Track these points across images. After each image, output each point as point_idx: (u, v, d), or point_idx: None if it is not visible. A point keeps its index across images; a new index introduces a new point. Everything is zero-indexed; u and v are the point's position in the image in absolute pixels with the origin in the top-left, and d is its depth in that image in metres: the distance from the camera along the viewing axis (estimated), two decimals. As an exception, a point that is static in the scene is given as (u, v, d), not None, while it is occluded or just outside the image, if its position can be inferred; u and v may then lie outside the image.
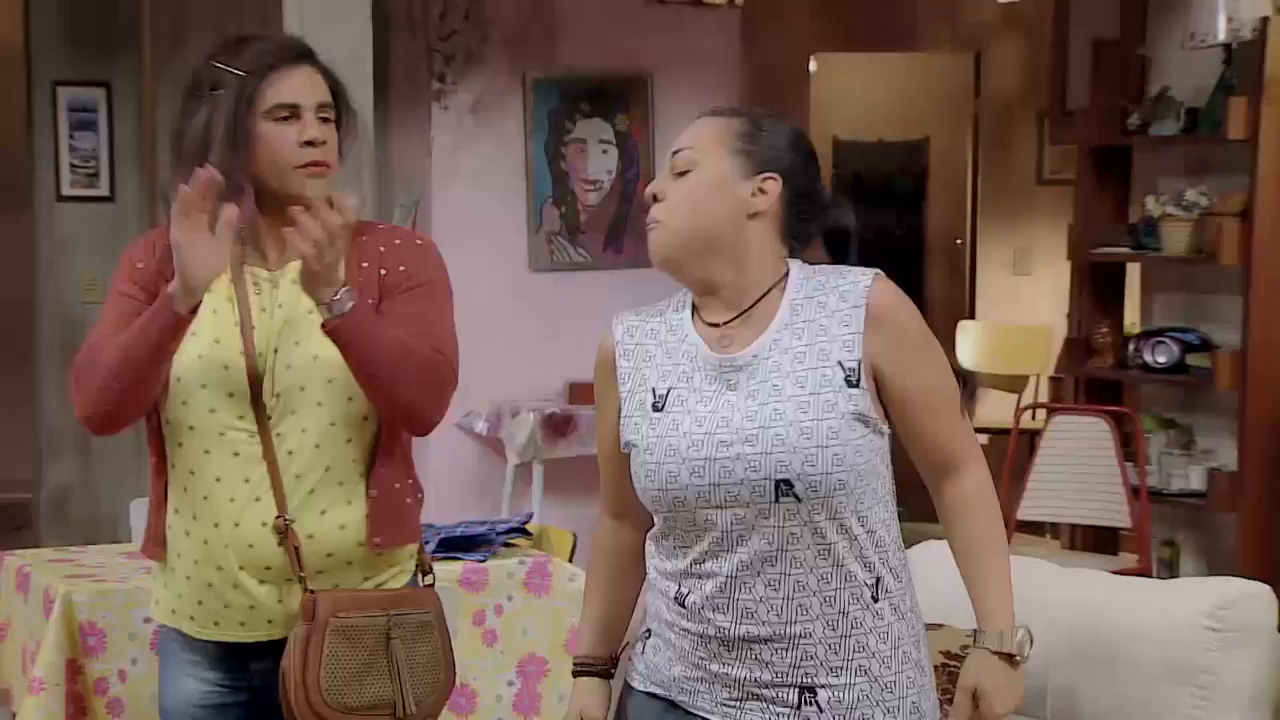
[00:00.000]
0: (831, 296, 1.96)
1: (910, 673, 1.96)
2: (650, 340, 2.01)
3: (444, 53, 5.01)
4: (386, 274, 2.22)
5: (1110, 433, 4.78)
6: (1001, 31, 7.23)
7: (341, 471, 2.19)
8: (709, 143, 1.98)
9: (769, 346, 1.94)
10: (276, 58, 2.18)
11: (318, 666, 2.14)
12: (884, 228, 8.22)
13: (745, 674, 1.93)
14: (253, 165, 2.16)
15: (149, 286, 2.19)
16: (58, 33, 5.50)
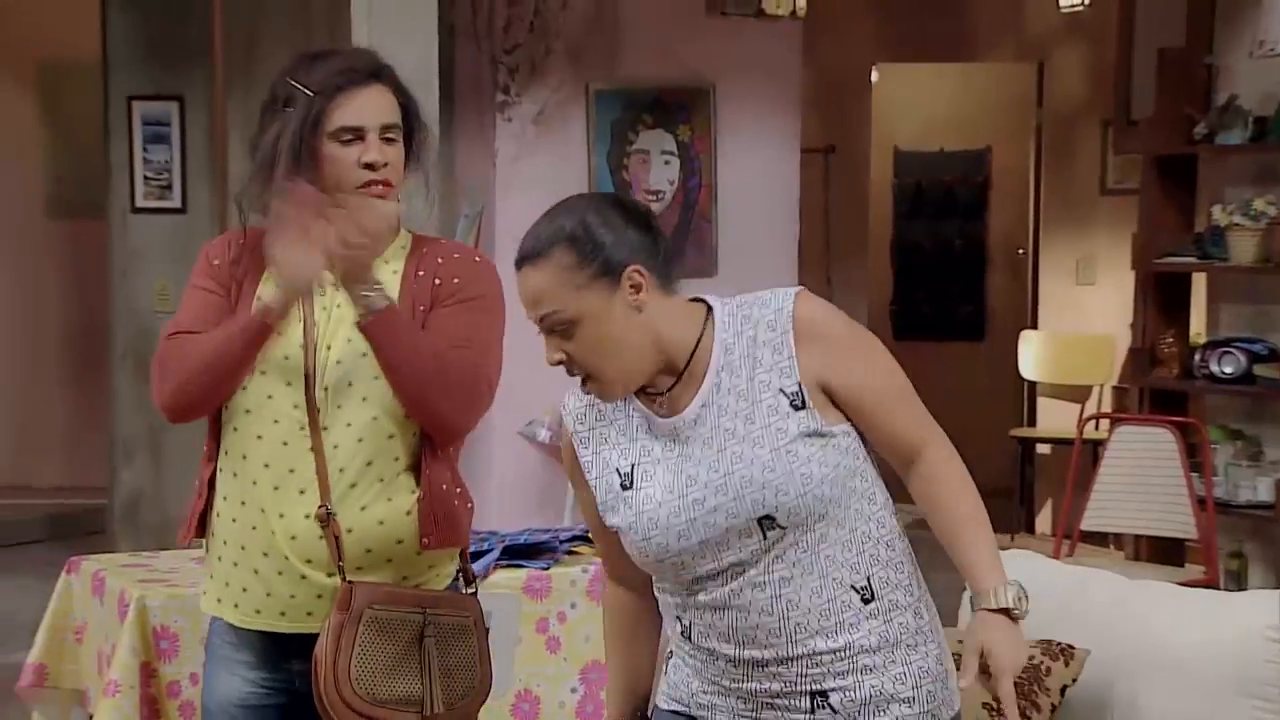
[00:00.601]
0: (760, 329, 1.95)
1: (921, 661, 1.97)
2: (601, 422, 2.02)
3: (508, 64, 5.06)
4: (440, 284, 2.28)
5: (1175, 443, 4.74)
6: (1065, 40, 7.18)
7: (383, 468, 2.23)
8: (561, 294, 1.92)
9: (711, 392, 1.95)
10: (346, 78, 2.22)
11: (349, 655, 2.17)
12: (945, 238, 8.20)
13: (756, 687, 1.98)
14: (318, 182, 2.21)
15: (225, 283, 2.28)
16: (133, 49, 5.61)
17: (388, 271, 2.29)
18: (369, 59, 2.30)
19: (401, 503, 2.24)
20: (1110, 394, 6.97)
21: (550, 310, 1.93)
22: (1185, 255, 5.33)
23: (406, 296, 2.25)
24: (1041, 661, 2.60)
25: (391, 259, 2.30)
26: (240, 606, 2.27)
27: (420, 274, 2.28)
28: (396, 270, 2.29)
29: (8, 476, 7.05)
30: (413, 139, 2.29)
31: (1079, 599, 2.77)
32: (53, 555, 5.60)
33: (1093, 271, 7.14)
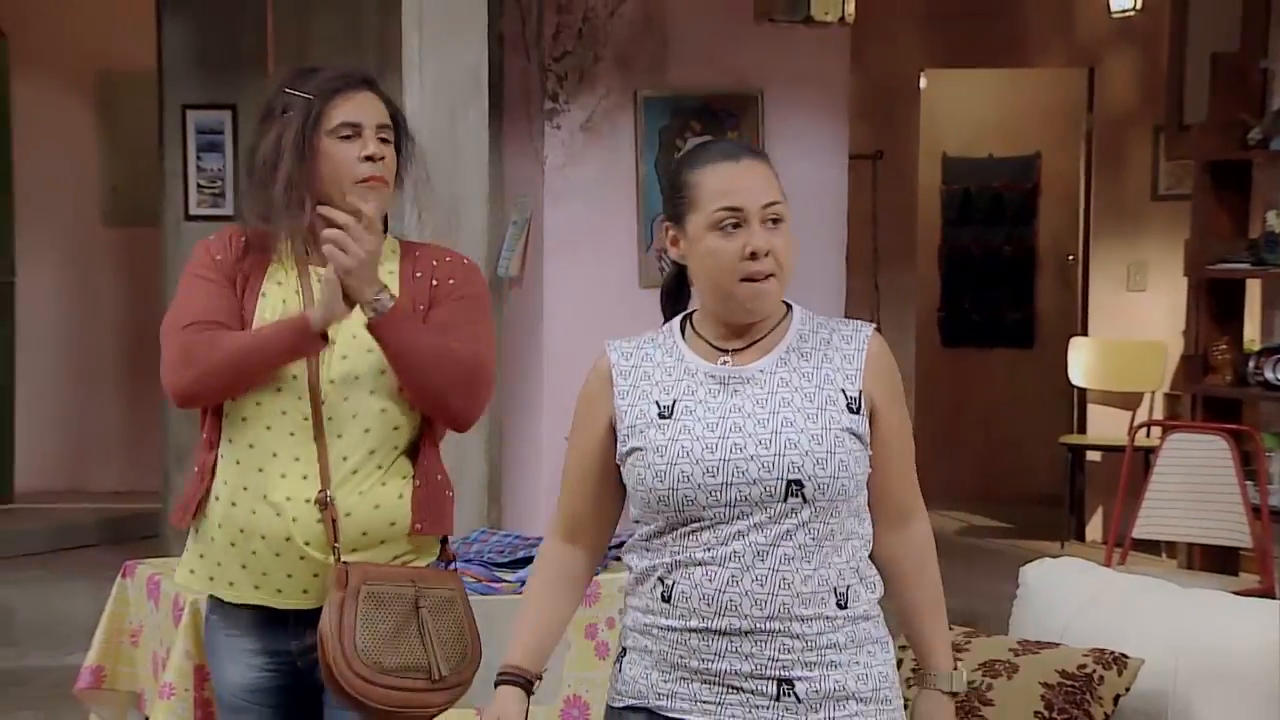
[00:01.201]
0: (835, 336, 2.10)
1: (880, 667, 2.06)
2: (646, 363, 2.12)
3: (557, 72, 5.09)
4: (438, 285, 2.42)
5: (1229, 451, 4.70)
6: (1116, 45, 7.13)
7: (383, 456, 2.37)
8: (779, 191, 2.09)
9: (776, 363, 2.07)
10: (341, 83, 2.38)
11: (353, 628, 2.28)
12: (993, 244, 8.16)
13: (725, 667, 2.02)
14: (316, 180, 2.34)
15: (230, 276, 2.40)
16: (188, 59, 5.67)
17: (384, 273, 2.40)
18: (359, 69, 2.46)
19: (395, 488, 2.37)
20: (1162, 401, 6.92)
21: (776, 200, 2.06)
22: (1239, 262, 5.28)
23: (406, 295, 2.39)
24: (1094, 670, 2.59)
25: (385, 261, 2.42)
26: (236, 584, 2.38)
27: (417, 275, 2.42)
28: (392, 271, 2.42)
29: (64, 481, 7.14)
30: (400, 150, 2.43)
31: (1132, 607, 2.76)
32: (108, 559, 5.68)
33: (1144, 278, 7.09)
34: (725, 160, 2.08)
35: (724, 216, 2.05)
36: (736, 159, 2.08)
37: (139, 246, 6.91)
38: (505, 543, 3.38)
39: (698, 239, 2.07)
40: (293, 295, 2.40)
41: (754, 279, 2.05)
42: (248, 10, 5.63)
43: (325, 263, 2.37)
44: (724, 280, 2.06)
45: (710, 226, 2.05)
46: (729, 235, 2.05)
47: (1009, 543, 6.92)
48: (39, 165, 6.93)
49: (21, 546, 6.10)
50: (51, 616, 5.43)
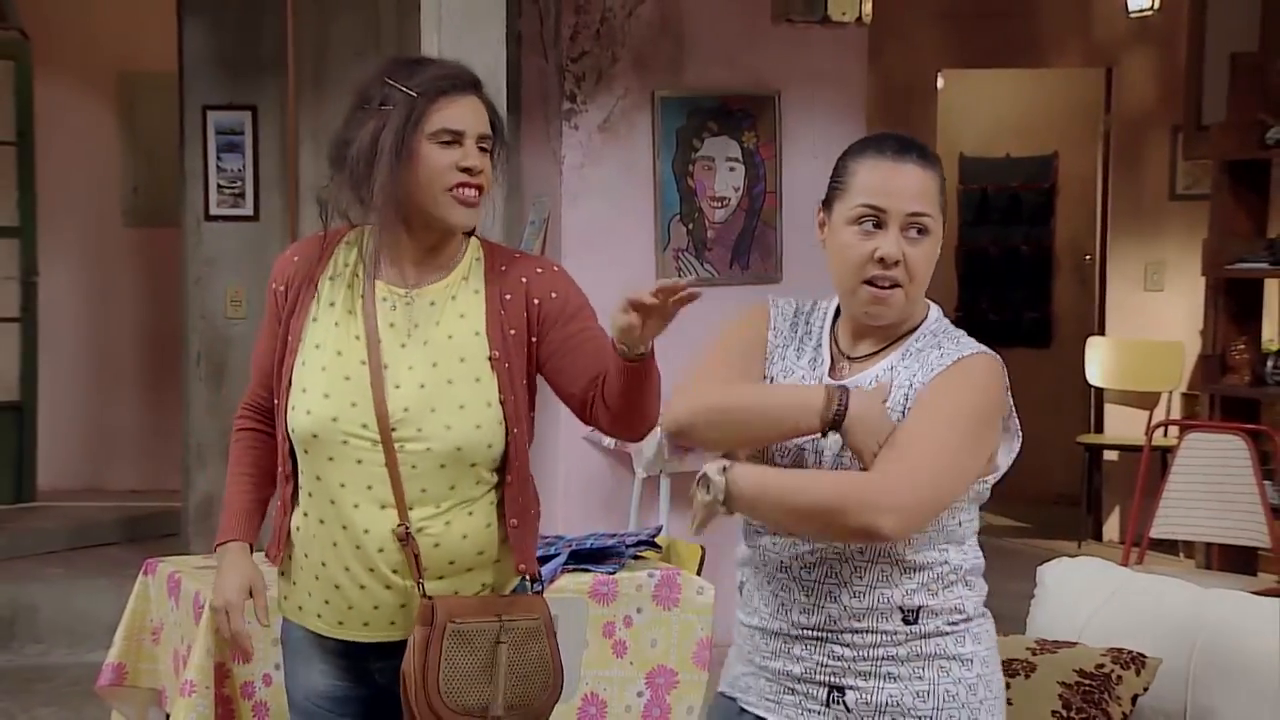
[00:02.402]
0: (936, 351, 2.02)
1: (950, 686, 1.98)
2: (796, 334, 2.10)
3: (575, 72, 5.10)
4: (540, 303, 2.30)
5: (1247, 451, 4.69)
6: (1133, 45, 7.12)
7: (465, 491, 2.27)
8: (934, 203, 2.01)
9: (871, 380, 2.02)
10: (448, 84, 2.25)
11: (436, 669, 2.21)
12: (1011, 244, 8.15)
13: (780, 667, 2.02)
14: (411, 182, 2.22)
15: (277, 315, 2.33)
16: (208, 60, 5.70)
17: (468, 291, 2.30)
18: (467, 70, 2.32)
19: (483, 516, 2.29)
20: (1179, 401, 6.90)
21: (926, 211, 2.00)
22: (1257, 261, 5.27)
23: (495, 323, 2.27)
24: (1112, 670, 2.59)
25: (471, 276, 2.32)
26: (324, 617, 2.32)
27: (508, 297, 2.29)
28: (478, 290, 2.30)
29: (84, 480, 7.17)
30: (495, 157, 2.31)
31: (1150, 607, 2.76)
32: (128, 557, 5.72)
33: (1161, 278, 7.07)
34: (886, 156, 2.00)
35: (864, 213, 1.99)
36: (898, 158, 2.00)
37: (159, 247, 6.94)
38: (523, 542, 3.39)
39: (837, 229, 2.02)
40: (347, 316, 2.28)
41: (877, 284, 1.99)
42: (267, 11, 5.66)
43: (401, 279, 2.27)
44: (849, 278, 2.01)
45: (850, 220, 2.00)
46: (866, 235, 1.99)
47: (1026, 542, 6.91)
48: (61, 166, 6.97)
49: (43, 545, 6.13)
50: (73, 614, 5.46)
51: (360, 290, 2.29)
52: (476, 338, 2.28)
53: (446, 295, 2.30)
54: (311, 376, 2.27)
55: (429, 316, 2.28)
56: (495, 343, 2.27)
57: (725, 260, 5.26)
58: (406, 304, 2.28)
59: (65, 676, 5.12)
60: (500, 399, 2.26)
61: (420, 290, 2.29)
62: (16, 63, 6.64)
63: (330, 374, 2.26)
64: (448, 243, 2.31)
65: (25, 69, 6.67)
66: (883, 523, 1.87)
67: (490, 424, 2.26)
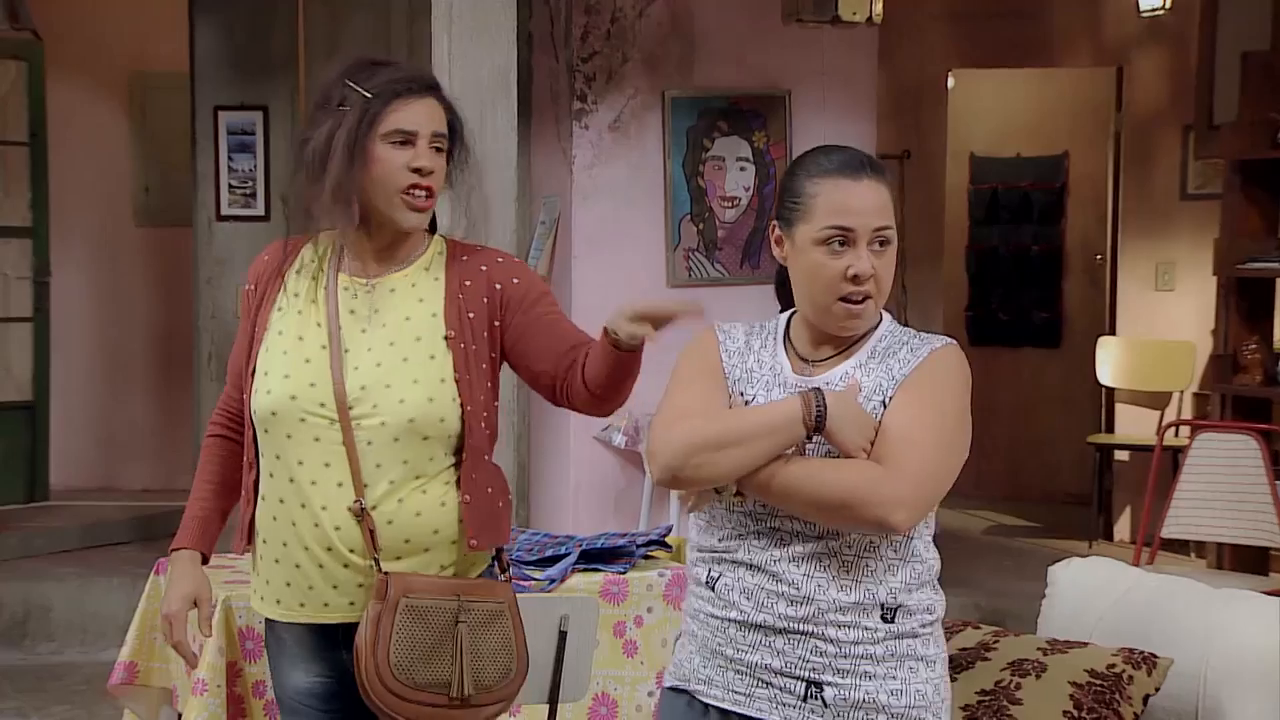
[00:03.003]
0: (903, 350, 2.08)
1: (920, 686, 2.03)
2: (747, 354, 2.14)
3: (585, 72, 5.11)
4: (502, 288, 2.37)
5: (1259, 450, 4.68)
6: (1145, 44, 7.11)
7: (420, 466, 2.31)
8: (891, 215, 2.07)
9: (840, 376, 2.07)
10: (403, 86, 2.31)
11: (388, 642, 2.24)
12: (1021, 244, 8.13)
13: (758, 660, 2.03)
14: (364, 182, 2.30)
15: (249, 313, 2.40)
16: (219, 61, 5.71)
17: (429, 279, 2.37)
18: (424, 73, 2.41)
19: (437, 495, 2.32)
20: (1190, 400, 6.89)
21: (888, 224, 2.06)
22: (1268, 261, 5.26)
23: (453, 306, 2.34)
24: (1124, 670, 2.59)
25: (432, 265, 2.39)
26: (283, 602, 2.36)
27: (468, 283, 2.36)
28: (438, 278, 2.37)
29: (96, 479, 7.19)
30: (454, 156, 2.38)
31: (1161, 607, 2.75)
32: (140, 555, 5.74)
33: (1172, 278, 7.06)
34: (845, 176, 2.05)
35: (833, 234, 2.04)
36: (857, 177, 2.04)
37: (171, 247, 6.96)
38: (534, 541, 3.40)
39: (804, 250, 2.06)
40: (310, 305, 2.35)
41: (852, 300, 2.04)
42: (279, 12, 5.67)
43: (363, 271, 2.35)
44: (823, 296, 2.06)
45: (818, 241, 2.05)
46: (835, 254, 2.04)
47: (1037, 542, 6.90)
48: (72, 166, 6.99)
49: (55, 544, 6.15)
50: (85, 613, 5.48)
51: (324, 282, 2.37)
52: (433, 318, 2.35)
53: (407, 283, 2.38)
54: (273, 360, 2.35)
55: (389, 302, 2.35)
56: (451, 322, 2.34)
57: (735, 260, 5.26)
58: (367, 292, 2.36)
59: (78, 675, 5.14)
60: (455, 376, 2.32)
61: (381, 280, 2.37)
62: (29, 64, 6.66)
63: (291, 357, 2.33)
64: (406, 240, 2.38)
65: (37, 70, 6.69)
66: (895, 516, 1.94)
67: (444, 399, 2.31)
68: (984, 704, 2.59)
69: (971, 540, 6.94)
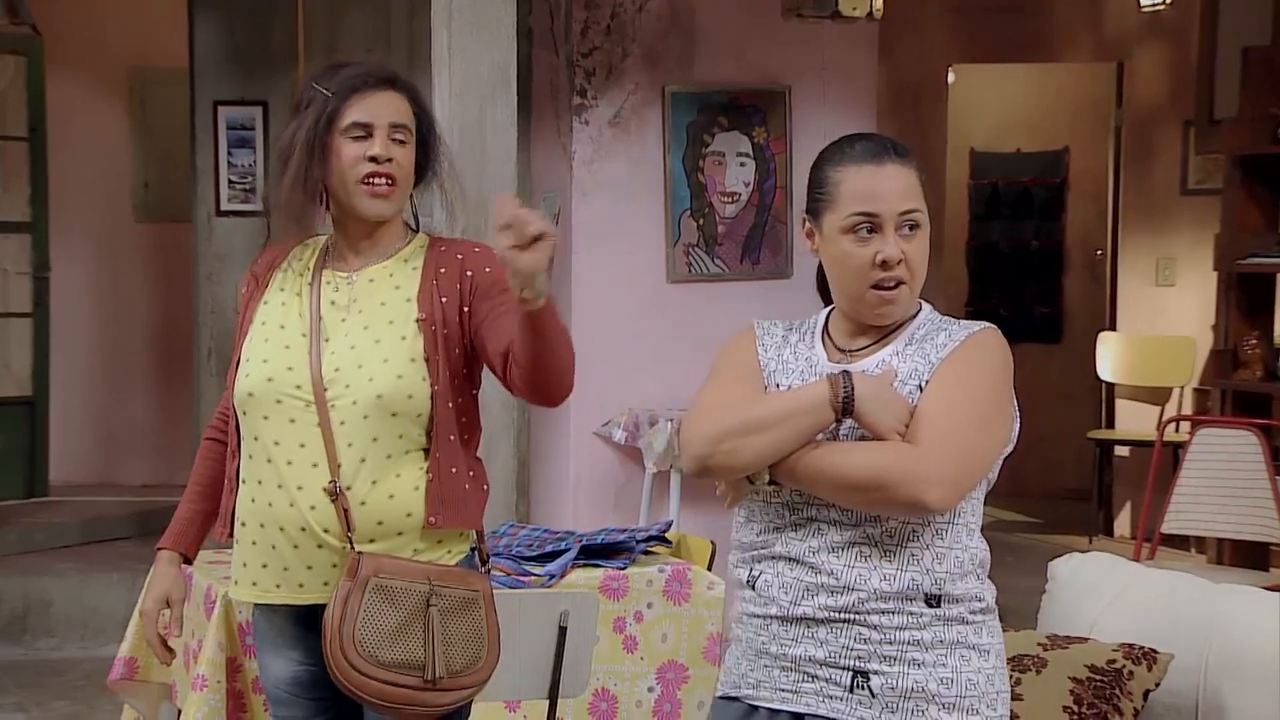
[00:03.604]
0: (941, 335, 2.06)
1: (972, 674, 1.99)
2: (784, 347, 2.14)
3: (585, 68, 5.10)
4: (474, 275, 2.40)
5: (1259, 446, 4.68)
6: (1145, 40, 7.10)
7: (389, 445, 2.34)
8: (921, 196, 2.06)
9: (877, 364, 2.06)
10: (361, 81, 2.39)
11: (354, 620, 2.26)
12: (1021, 239, 8.13)
13: (801, 653, 2.00)
14: (329, 176, 2.37)
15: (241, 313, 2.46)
16: (219, 56, 5.71)
17: (407, 269, 2.41)
18: (388, 69, 2.46)
19: (410, 478, 2.35)
20: (1191, 396, 6.89)
21: (916, 207, 2.04)
22: (1269, 256, 5.26)
23: (427, 291, 2.38)
24: (1124, 665, 2.59)
25: (411, 257, 2.43)
26: (259, 584, 2.38)
27: (443, 270, 2.40)
28: (416, 267, 2.42)
29: (96, 474, 7.20)
30: (426, 147, 2.43)
31: (1162, 602, 2.75)
32: (139, 551, 5.74)
33: (1172, 273, 7.06)
34: (868, 162, 2.04)
35: (859, 221, 2.02)
36: (880, 161, 2.04)
37: (171, 242, 6.96)
38: (533, 536, 3.40)
39: (832, 239, 2.05)
40: (294, 296, 2.41)
41: (884, 286, 2.03)
42: (278, 7, 5.67)
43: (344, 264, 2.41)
44: (854, 285, 2.05)
45: (845, 230, 2.03)
46: (863, 241, 2.02)
47: (1037, 537, 6.91)
48: (72, 161, 6.99)
49: (55, 539, 6.15)
50: (85, 608, 5.48)
51: (309, 278, 2.43)
52: (407, 303, 2.40)
53: (385, 274, 2.43)
54: (255, 347, 2.41)
55: (367, 292, 2.41)
56: (424, 306, 2.38)
57: (736, 256, 5.26)
58: (349, 284, 2.42)
59: (77, 670, 5.14)
60: (425, 356, 2.35)
61: (362, 271, 2.43)
62: (28, 59, 6.66)
63: (271, 344, 2.40)
64: (385, 233, 2.43)
65: (37, 65, 6.69)
66: (929, 496, 1.91)
67: (412, 377, 2.34)
68: (984, 699, 2.59)
69: (971, 536, 6.93)
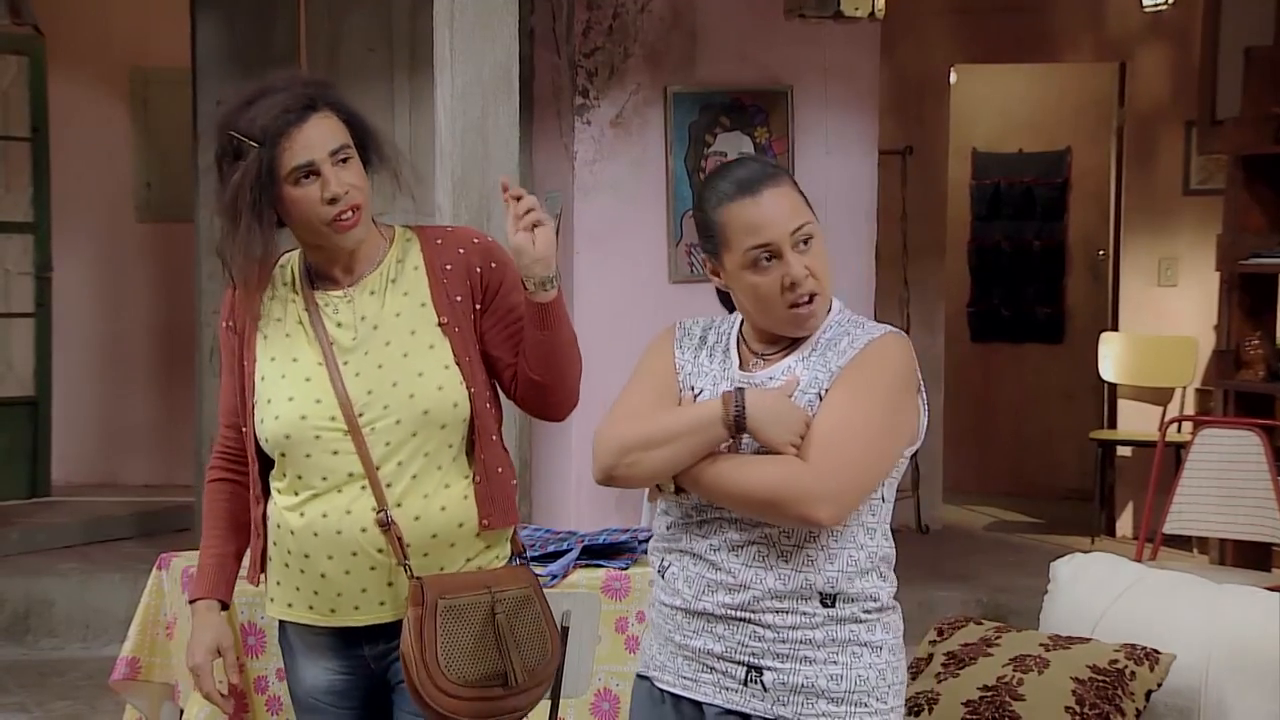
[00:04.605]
0: (844, 340, 2.09)
1: (862, 671, 2.05)
2: (701, 350, 2.18)
3: (587, 68, 5.10)
4: (482, 271, 2.35)
5: (1261, 446, 4.68)
6: (1147, 40, 7.10)
7: (440, 457, 2.30)
8: (806, 210, 2.10)
9: (783, 371, 2.10)
10: (284, 121, 2.23)
11: (434, 645, 2.24)
12: (1023, 239, 8.13)
13: (700, 645, 2.08)
14: (290, 224, 2.28)
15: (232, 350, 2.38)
16: (221, 55, 5.70)
17: (406, 269, 2.35)
18: (300, 92, 2.28)
19: (459, 489, 2.32)
20: (1193, 396, 6.88)
21: (804, 220, 2.07)
22: (1271, 256, 5.26)
23: (440, 292, 2.33)
24: (1126, 666, 2.59)
25: (405, 257, 2.36)
26: (315, 608, 2.34)
27: (448, 267, 2.34)
28: (417, 266, 2.35)
29: (97, 474, 7.20)
30: (366, 148, 2.33)
31: (1164, 603, 2.76)
32: (141, 551, 5.74)
33: (1174, 273, 7.06)
34: (745, 196, 2.06)
35: (756, 255, 2.07)
36: (755, 192, 2.06)
37: (172, 242, 6.96)
38: (536, 537, 3.40)
39: (736, 275, 2.09)
40: (297, 326, 2.34)
41: (799, 304, 2.07)
42: (280, 7, 5.67)
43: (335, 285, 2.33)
44: (772, 311, 2.09)
45: (746, 265, 2.07)
46: (764, 269, 2.06)
47: (1039, 538, 6.90)
48: (74, 161, 6.99)
49: (57, 539, 6.16)
50: (87, 609, 5.49)
51: (303, 305, 2.34)
52: (423, 309, 2.33)
53: (385, 280, 2.35)
54: (273, 387, 2.33)
55: (372, 304, 2.34)
56: (442, 309, 2.33)
57: (737, 255, 5.25)
58: (348, 302, 2.34)
59: (79, 670, 5.14)
60: (456, 361, 2.31)
61: (356, 286, 2.35)
62: (30, 59, 6.66)
63: (290, 380, 2.32)
64: (365, 246, 2.35)
65: (39, 65, 6.69)
66: (819, 512, 1.98)
67: (451, 384, 2.30)
68: (986, 699, 2.59)
69: (973, 536, 6.94)
